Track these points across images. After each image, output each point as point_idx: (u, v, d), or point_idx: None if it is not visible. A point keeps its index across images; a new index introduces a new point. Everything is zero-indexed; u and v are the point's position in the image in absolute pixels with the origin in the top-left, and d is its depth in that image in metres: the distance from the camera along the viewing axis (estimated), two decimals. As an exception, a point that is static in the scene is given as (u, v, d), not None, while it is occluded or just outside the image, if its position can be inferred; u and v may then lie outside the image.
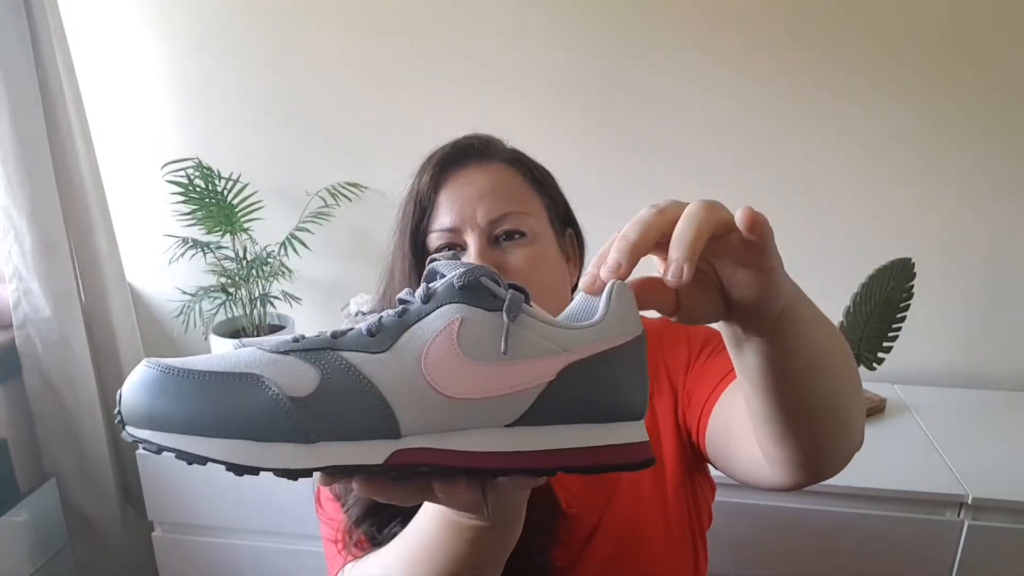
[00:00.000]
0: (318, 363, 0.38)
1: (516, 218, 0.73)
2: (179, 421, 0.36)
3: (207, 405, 0.36)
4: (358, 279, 1.66)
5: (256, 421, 0.36)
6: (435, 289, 0.41)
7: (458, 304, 0.40)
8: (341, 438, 0.37)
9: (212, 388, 0.36)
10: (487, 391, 0.39)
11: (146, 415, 0.36)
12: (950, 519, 1.20)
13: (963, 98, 1.42)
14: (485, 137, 0.80)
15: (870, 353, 1.37)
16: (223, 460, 0.36)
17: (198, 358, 0.38)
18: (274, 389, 0.37)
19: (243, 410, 0.36)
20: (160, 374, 0.37)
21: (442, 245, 0.74)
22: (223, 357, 0.38)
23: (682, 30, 1.45)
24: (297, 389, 0.37)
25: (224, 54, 1.57)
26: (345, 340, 0.39)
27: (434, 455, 0.39)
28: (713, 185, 1.53)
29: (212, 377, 0.36)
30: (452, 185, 0.75)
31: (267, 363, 0.38)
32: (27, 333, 1.47)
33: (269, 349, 0.39)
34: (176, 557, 1.48)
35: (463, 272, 0.40)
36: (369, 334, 0.39)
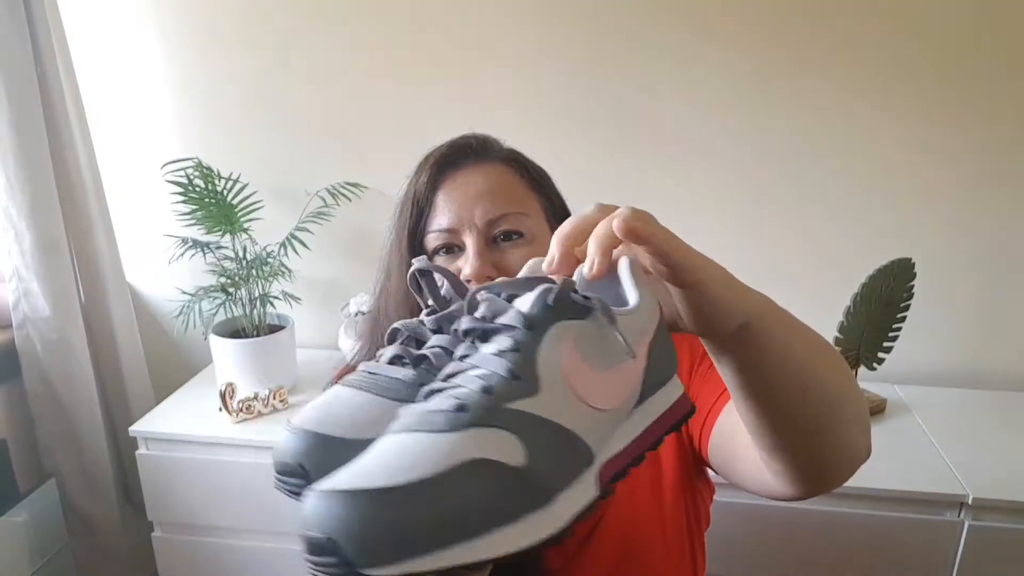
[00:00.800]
0: (506, 424, 0.36)
1: (514, 219, 0.73)
2: (429, 539, 0.32)
3: (452, 508, 0.32)
4: (358, 279, 1.66)
5: (501, 505, 0.34)
6: (534, 313, 0.40)
7: (561, 322, 0.40)
8: (567, 486, 0.37)
9: (444, 491, 0.32)
10: (623, 392, 0.42)
11: (389, 548, 0.31)
12: (950, 519, 1.20)
13: (964, 98, 1.42)
14: (482, 137, 0.80)
15: (870, 353, 1.37)
16: (494, 558, 0.33)
17: (374, 467, 0.33)
18: (503, 469, 0.35)
19: (486, 500, 0.33)
20: (381, 500, 0.31)
21: (440, 246, 0.74)
22: (415, 454, 0.34)
23: (681, 31, 1.45)
24: (514, 458, 0.35)
25: (224, 54, 1.57)
26: (501, 391, 0.37)
27: (611, 464, 0.40)
28: (712, 185, 1.53)
29: (438, 481, 0.32)
30: (450, 186, 0.75)
31: (471, 442, 0.35)
32: (26, 333, 1.47)
33: (445, 427, 0.35)
34: (176, 557, 1.48)
35: (556, 293, 0.40)
36: (514, 376, 0.38)
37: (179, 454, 1.40)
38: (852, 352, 1.35)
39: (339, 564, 0.31)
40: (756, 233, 1.55)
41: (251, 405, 1.40)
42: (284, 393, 1.45)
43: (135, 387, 1.65)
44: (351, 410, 0.40)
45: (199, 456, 1.38)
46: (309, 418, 0.43)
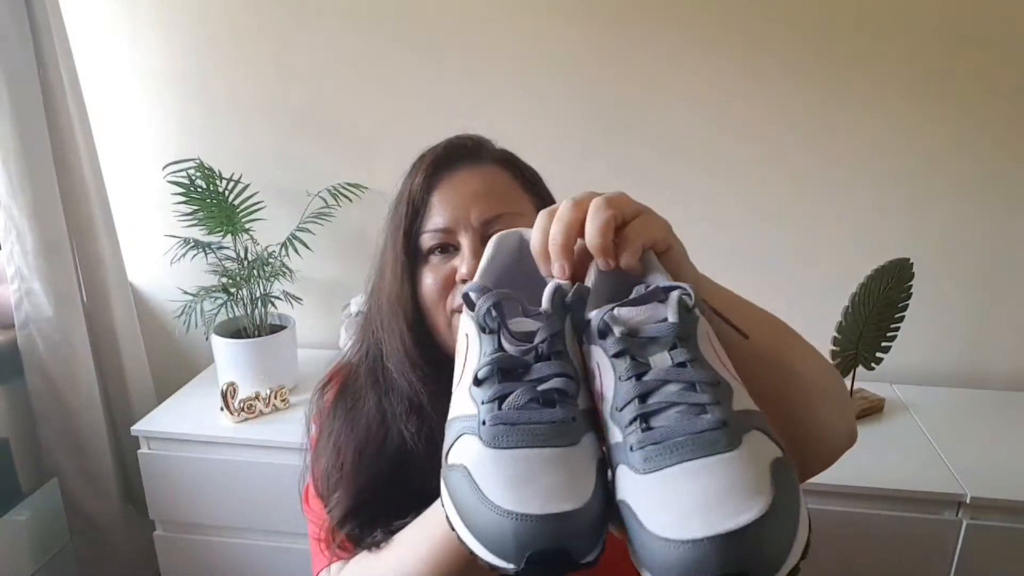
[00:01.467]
0: (751, 426, 0.40)
1: (509, 219, 0.74)
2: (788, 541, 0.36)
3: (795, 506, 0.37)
4: (359, 279, 1.65)
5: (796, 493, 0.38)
6: (678, 321, 0.43)
7: (698, 321, 0.44)
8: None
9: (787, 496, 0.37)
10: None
11: (776, 562, 0.36)
12: (948, 518, 1.20)
13: (962, 98, 1.42)
14: (476, 137, 0.81)
15: (869, 353, 1.38)
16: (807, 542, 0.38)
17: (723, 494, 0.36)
18: (783, 460, 0.39)
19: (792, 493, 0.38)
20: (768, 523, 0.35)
21: (435, 245, 0.74)
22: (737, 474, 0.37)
23: (680, 33, 1.45)
24: (777, 450, 0.40)
25: (226, 54, 1.58)
26: (723, 399, 0.41)
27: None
28: (711, 186, 1.53)
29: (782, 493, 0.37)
30: (445, 186, 0.75)
31: (755, 453, 0.38)
32: (29, 333, 1.47)
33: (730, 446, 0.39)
34: (177, 556, 1.49)
35: (690, 293, 0.45)
36: (715, 383, 0.41)
37: (181, 453, 1.40)
38: (850, 352, 1.35)
39: None
40: (755, 233, 1.55)
41: (252, 405, 1.41)
42: (285, 393, 1.45)
43: (137, 387, 1.65)
44: (557, 475, 0.39)
45: (201, 455, 1.39)
46: (529, 499, 0.39)
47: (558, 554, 0.36)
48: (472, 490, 0.39)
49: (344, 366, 0.84)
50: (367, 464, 0.72)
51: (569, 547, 0.37)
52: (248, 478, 1.38)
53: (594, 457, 0.41)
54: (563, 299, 0.47)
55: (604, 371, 0.44)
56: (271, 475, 1.36)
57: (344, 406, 0.78)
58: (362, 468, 0.72)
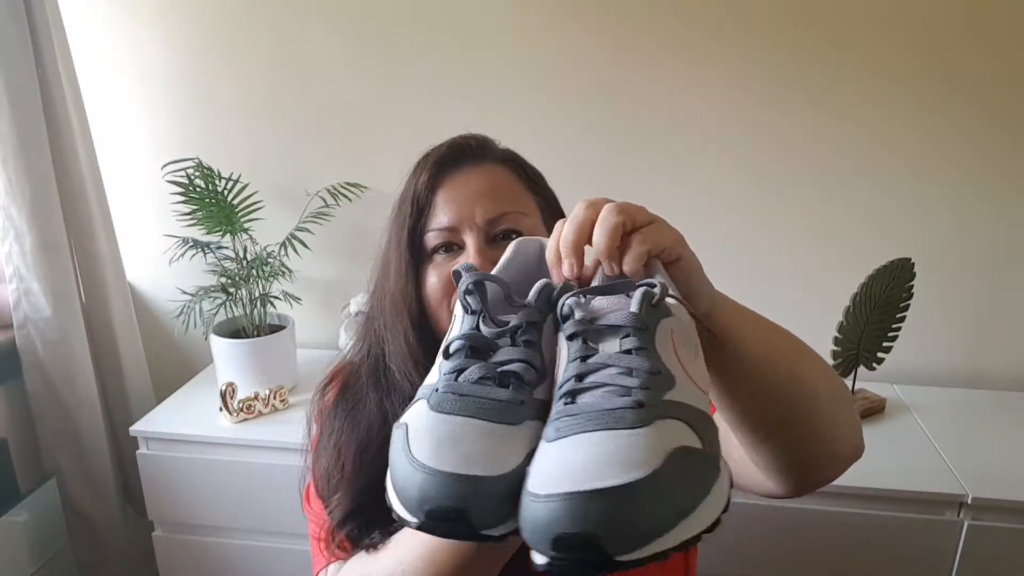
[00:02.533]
0: (675, 415, 0.40)
1: (513, 218, 0.74)
2: (667, 519, 0.36)
3: (675, 492, 0.37)
4: (358, 279, 1.65)
5: (704, 483, 0.38)
6: (642, 314, 0.43)
7: (664, 319, 0.44)
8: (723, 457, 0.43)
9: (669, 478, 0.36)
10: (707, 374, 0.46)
11: (641, 534, 0.35)
12: (950, 519, 1.20)
13: (964, 97, 1.42)
14: (480, 137, 0.81)
15: (870, 353, 1.37)
16: (705, 529, 0.37)
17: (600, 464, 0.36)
18: (697, 451, 0.39)
19: (698, 479, 0.38)
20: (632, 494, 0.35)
21: (439, 244, 0.74)
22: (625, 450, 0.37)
23: (684, 31, 1.45)
24: (695, 442, 0.39)
25: (224, 54, 1.57)
26: (656, 385, 0.41)
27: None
28: (712, 185, 1.53)
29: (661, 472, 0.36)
30: (450, 185, 0.75)
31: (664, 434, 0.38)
32: (27, 333, 1.47)
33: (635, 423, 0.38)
34: (176, 557, 1.48)
35: (658, 294, 0.44)
36: (656, 372, 0.42)
37: (179, 454, 1.40)
38: (852, 352, 1.35)
39: (595, 556, 0.34)
40: (757, 233, 1.55)
41: (251, 405, 1.40)
42: (285, 393, 1.45)
43: (136, 387, 1.65)
44: (482, 444, 0.40)
45: (199, 456, 1.39)
46: (447, 458, 0.40)
47: (455, 514, 0.36)
48: (403, 446, 0.41)
49: (345, 366, 0.84)
50: (368, 465, 0.72)
51: (468, 510, 0.36)
52: (247, 479, 1.38)
53: (530, 442, 0.41)
54: (549, 295, 0.48)
55: (561, 354, 0.45)
56: (270, 476, 1.36)
57: (345, 406, 0.78)
58: (363, 469, 0.72)
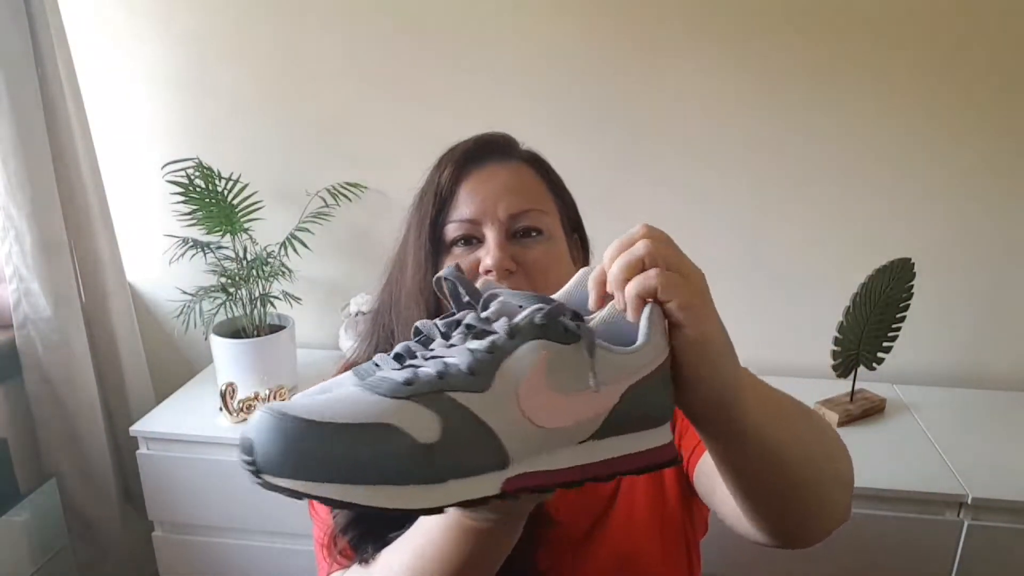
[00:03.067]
0: (436, 407, 0.41)
1: (535, 215, 0.74)
2: (321, 471, 0.38)
3: (347, 455, 0.38)
4: (358, 279, 1.66)
5: (393, 468, 0.39)
6: (518, 324, 0.44)
7: (542, 340, 0.43)
8: (465, 475, 0.41)
9: (349, 440, 0.38)
10: (575, 419, 0.44)
11: (288, 465, 0.38)
12: (950, 519, 1.20)
13: (963, 97, 1.42)
14: (506, 135, 0.81)
15: (870, 353, 1.37)
16: (367, 505, 0.39)
17: (323, 403, 0.39)
18: (410, 439, 0.39)
19: (380, 458, 0.39)
20: (298, 426, 0.38)
21: (459, 236, 0.74)
22: (351, 403, 0.40)
23: (683, 33, 1.45)
24: (426, 436, 0.40)
25: (224, 54, 1.57)
26: (451, 380, 0.42)
27: (529, 478, 0.43)
28: (713, 185, 1.53)
29: (349, 429, 0.38)
30: (474, 179, 0.75)
31: (395, 411, 0.40)
32: (27, 333, 1.47)
33: (386, 393, 0.40)
34: (176, 557, 1.48)
35: (545, 312, 0.44)
36: (471, 372, 0.42)
37: (179, 454, 1.40)
38: (852, 352, 1.35)
39: (251, 464, 0.38)
40: (757, 233, 1.55)
41: (251, 405, 1.40)
42: (285, 393, 1.45)
43: (136, 387, 1.65)
44: (326, 398, 0.42)
45: (199, 456, 1.39)
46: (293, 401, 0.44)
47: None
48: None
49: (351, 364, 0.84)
50: None
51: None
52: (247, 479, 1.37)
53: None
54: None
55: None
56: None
57: None
58: None
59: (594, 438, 0.45)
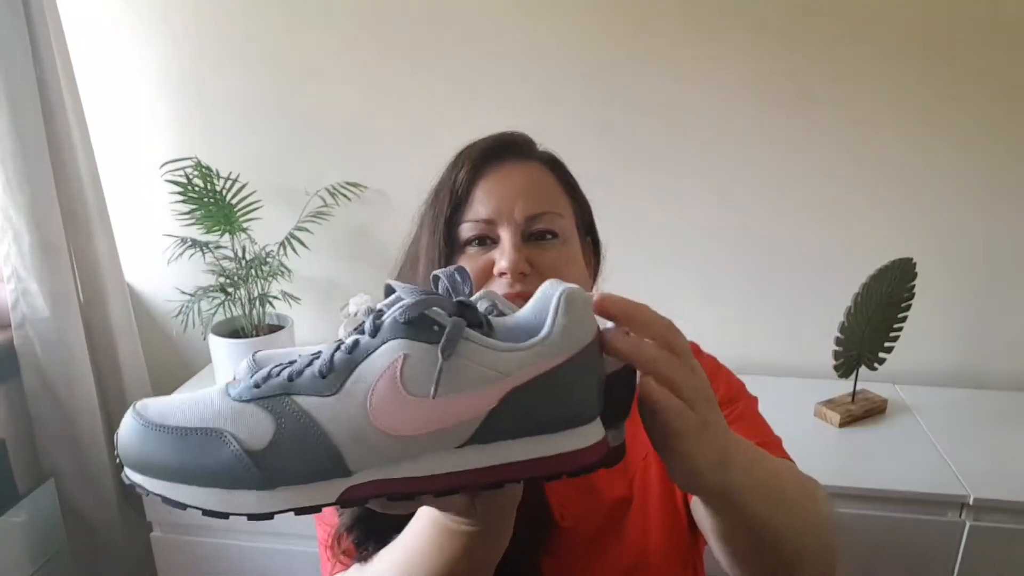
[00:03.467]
0: (274, 411, 0.41)
1: (551, 218, 0.74)
2: (161, 469, 0.41)
3: (180, 457, 0.40)
4: (358, 279, 1.66)
5: (222, 472, 0.40)
6: (382, 322, 0.42)
7: (402, 340, 0.41)
8: (297, 482, 0.40)
9: (183, 442, 0.40)
10: (430, 426, 0.40)
11: (137, 461, 0.41)
12: (952, 519, 1.19)
13: (964, 98, 1.41)
14: (525, 135, 0.81)
15: (871, 353, 1.37)
16: (197, 506, 0.40)
17: (176, 405, 0.42)
18: (234, 445, 0.40)
19: (210, 462, 0.40)
20: (141, 427, 0.41)
21: (473, 236, 0.74)
22: (197, 406, 0.42)
23: (682, 33, 1.44)
24: (255, 442, 0.40)
25: (223, 53, 1.57)
26: (300, 383, 0.41)
27: (386, 485, 0.41)
28: (714, 185, 1.52)
29: (182, 432, 0.40)
30: (491, 178, 0.75)
31: (230, 416, 0.41)
32: (25, 333, 1.47)
33: (235, 396, 0.42)
34: (175, 558, 1.48)
35: (408, 306, 0.41)
36: (321, 375, 0.41)
37: (178, 454, 1.39)
38: (853, 352, 1.35)
39: (117, 456, 0.43)
40: (759, 234, 1.54)
41: (250, 405, 1.40)
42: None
43: (134, 387, 1.64)
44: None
45: (198, 456, 1.38)
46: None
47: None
48: None
49: None
50: None
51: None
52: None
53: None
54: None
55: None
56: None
57: None
58: None
59: (476, 442, 0.41)
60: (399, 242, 0.83)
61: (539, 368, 0.41)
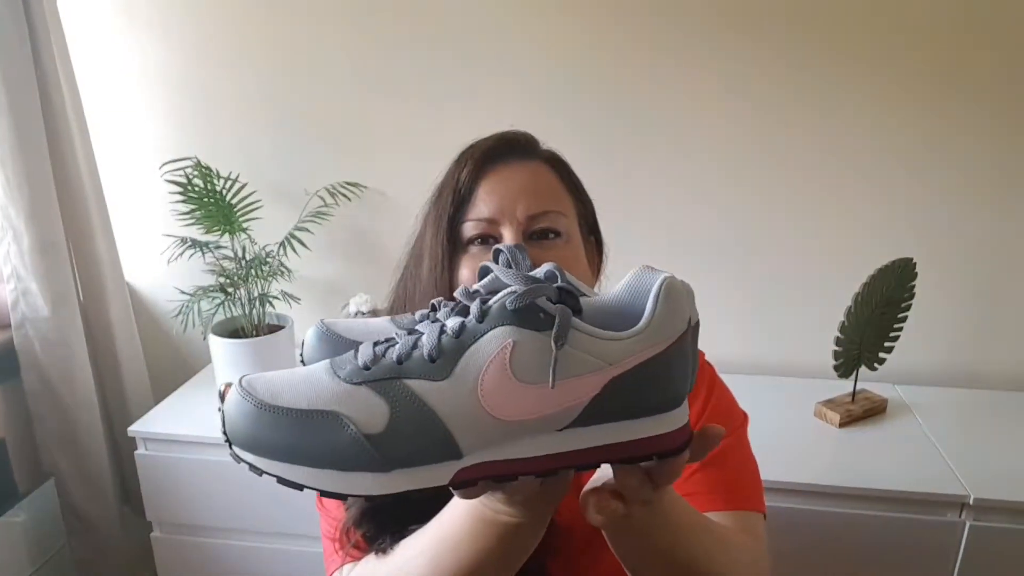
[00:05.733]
0: (387, 395, 0.41)
1: (554, 217, 0.74)
2: (276, 450, 0.41)
3: (297, 438, 0.40)
4: (358, 279, 1.66)
5: (339, 454, 0.40)
6: (490, 307, 0.42)
7: (510, 327, 0.42)
8: (412, 464, 0.41)
9: (299, 424, 0.40)
10: (538, 411, 0.42)
11: (247, 441, 0.41)
12: (951, 520, 1.19)
13: (965, 98, 1.41)
14: (528, 135, 0.81)
15: (871, 353, 1.37)
16: (314, 487, 0.41)
17: (286, 383, 0.42)
18: (352, 428, 0.40)
19: (327, 444, 0.40)
20: (253, 407, 0.41)
21: (476, 235, 0.74)
22: (309, 386, 0.42)
23: (679, 35, 1.44)
24: (372, 426, 0.40)
25: (223, 53, 1.57)
26: (410, 366, 0.42)
27: (494, 466, 0.43)
28: (714, 185, 1.52)
29: (297, 414, 0.41)
30: (494, 178, 0.75)
31: (344, 398, 0.41)
32: (25, 333, 1.47)
33: (344, 377, 0.42)
34: (174, 557, 1.48)
35: (519, 295, 0.42)
36: (431, 359, 0.41)
37: (178, 454, 1.39)
38: (853, 352, 1.35)
39: (224, 432, 0.43)
40: (759, 233, 1.54)
41: (250, 405, 1.40)
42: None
43: (134, 387, 1.64)
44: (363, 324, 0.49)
45: (198, 456, 1.38)
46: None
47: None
48: None
49: None
50: None
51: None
52: (245, 479, 1.36)
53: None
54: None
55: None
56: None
57: None
58: None
59: (576, 425, 0.43)
60: (399, 242, 0.83)
61: (641, 356, 0.42)
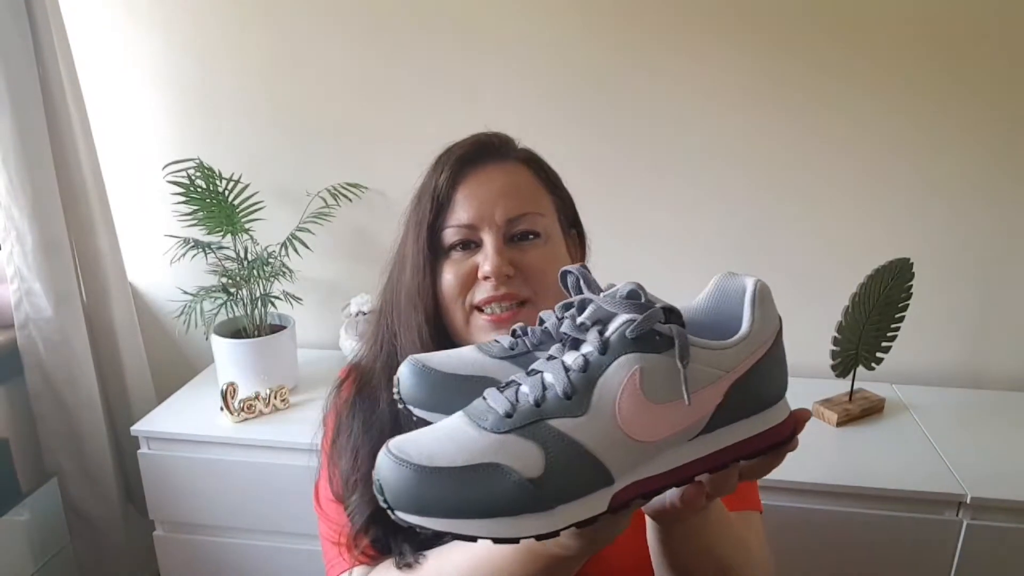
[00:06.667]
0: (537, 439, 0.43)
1: (532, 218, 0.75)
2: (441, 508, 0.41)
3: (463, 494, 0.42)
4: (359, 279, 1.66)
5: (505, 501, 0.42)
6: (609, 339, 0.45)
7: (634, 354, 0.44)
8: (572, 499, 0.43)
9: (462, 480, 0.42)
10: (675, 427, 0.45)
11: (413, 504, 0.42)
12: (949, 518, 1.20)
13: (964, 98, 1.42)
14: (503, 135, 0.81)
15: (869, 353, 1.38)
16: (489, 537, 0.42)
17: (435, 443, 0.43)
18: (515, 475, 0.42)
19: (492, 494, 0.42)
20: (412, 472, 0.42)
21: (457, 241, 0.75)
22: (458, 443, 0.43)
23: (681, 31, 1.45)
24: (531, 469, 0.42)
25: (225, 54, 1.57)
26: (549, 407, 0.44)
27: (642, 484, 0.45)
28: (713, 184, 1.53)
29: (460, 472, 0.42)
30: (471, 182, 0.75)
31: (499, 448, 0.43)
32: (28, 333, 1.47)
33: (490, 428, 0.43)
34: (177, 556, 1.48)
35: (637, 324, 0.44)
36: (566, 397, 0.43)
37: (180, 454, 1.40)
38: (851, 352, 1.35)
39: (385, 502, 0.42)
40: (756, 233, 1.55)
41: (252, 405, 1.41)
42: (285, 393, 1.45)
43: (136, 387, 1.65)
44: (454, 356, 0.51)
45: (200, 456, 1.39)
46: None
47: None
48: None
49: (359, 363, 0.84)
50: None
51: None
52: (248, 478, 1.38)
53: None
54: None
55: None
56: (271, 475, 1.36)
57: (360, 406, 0.78)
58: None
59: (704, 432, 0.46)
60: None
61: (752, 359, 0.46)
